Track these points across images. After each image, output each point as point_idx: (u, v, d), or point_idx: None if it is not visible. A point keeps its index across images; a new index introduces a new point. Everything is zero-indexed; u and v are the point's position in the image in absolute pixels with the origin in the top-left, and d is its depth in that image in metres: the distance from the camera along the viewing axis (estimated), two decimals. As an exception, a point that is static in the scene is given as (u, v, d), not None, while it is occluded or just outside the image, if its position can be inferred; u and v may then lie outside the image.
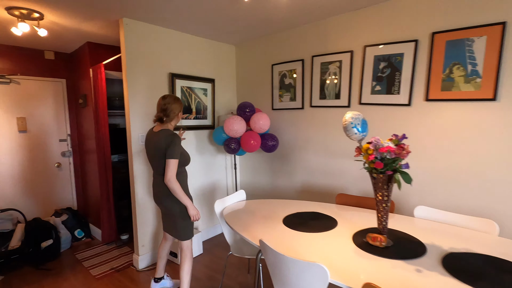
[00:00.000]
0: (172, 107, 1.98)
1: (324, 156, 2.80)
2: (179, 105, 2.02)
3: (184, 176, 2.07)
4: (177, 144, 1.89)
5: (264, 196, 3.40)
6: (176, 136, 1.92)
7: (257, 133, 2.87)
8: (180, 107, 2.04)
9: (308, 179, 2.95)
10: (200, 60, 3.14)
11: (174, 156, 1.87)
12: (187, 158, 2.06)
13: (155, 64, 2.73)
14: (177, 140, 1.90)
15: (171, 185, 1.88)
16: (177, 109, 2.01)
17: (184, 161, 2.03)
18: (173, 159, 1.87)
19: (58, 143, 3.60)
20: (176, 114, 2.02)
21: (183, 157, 2.02)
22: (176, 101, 2.01)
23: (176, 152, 1.89)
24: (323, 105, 2.76)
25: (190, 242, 2.10)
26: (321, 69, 2.73)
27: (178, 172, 1.99)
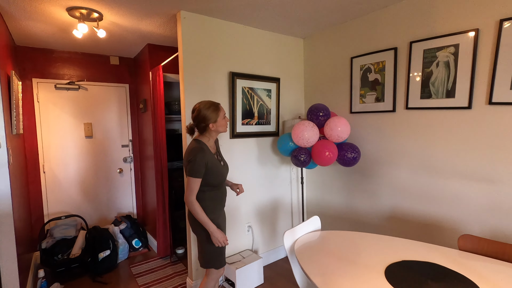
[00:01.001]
0: (201, 116, 1.66)
1: (426, 174, 2.09)
2: (211, 111, 1.66)
3: (213, 198, 1.73)
4: (197, 162, 1.60)
5: (336, 219, 2.79)
6: (200, 151, 1.62)
7: (333, 143, 2.30)
8: (215, 114, 1.67)
9: (399, 203, 2.27)
10: (264, 57, 2.72)
11: (193, 174, 1.60)
12: (217, 177, 1.70)
13: (214, 63, 2.39)
14: (199, 157, 1.60)
15: (189, 206, 1.64)
16: (209, 118, 1.66)
17: (212, 180, 1.69)
18: (191, 177, 1.61)
19: (120, 148, 3.57)
20: (208, 124, 1.67)
21: (212, 175, 1.67)
22: (208, 108, 1.66)
23: (196, 170, 1.60)
24: (426, 107, 2.06)
25: (215, 273, 1.77)
26: (424, 58, 2.04)
27: (204, 191, 1.69)
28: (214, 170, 1.67)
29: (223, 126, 1.71)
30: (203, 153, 1.61)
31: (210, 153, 1.67)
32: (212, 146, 1.74)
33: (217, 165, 1.70)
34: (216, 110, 1.67)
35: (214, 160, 1.68)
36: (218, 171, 1.69)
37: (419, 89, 2.09)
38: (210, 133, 1.70)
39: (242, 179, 2.64)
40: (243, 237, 2.67)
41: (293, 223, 3.09)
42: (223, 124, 1.71)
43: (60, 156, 3.17)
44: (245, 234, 2.69)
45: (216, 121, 1.66)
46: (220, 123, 1.68)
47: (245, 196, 2.67)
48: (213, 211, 1.72)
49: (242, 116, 2.56)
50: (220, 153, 1.85)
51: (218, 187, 1.74)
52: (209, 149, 1.68)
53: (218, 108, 1.68)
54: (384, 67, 2.30)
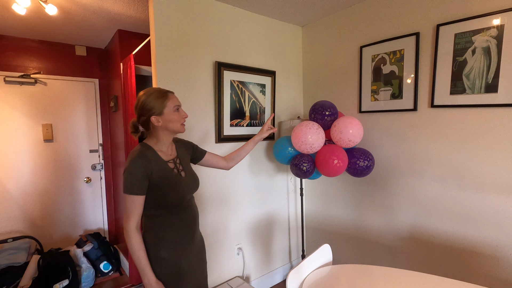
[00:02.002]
0: (141, 105, 1.18)
1: (456, 186, 1.69)
2: (154, 99, 1.17)
3: (170, 226, 1.21)
4: (132, 172, 1.11)
5: (342, 238, 2.37)
6: (138, 158, 1.13)
7: (342, 148, 1.89)
8: (159, 103, 1.17)
9: (421, 222, 1.86)
10: (257, 45, 2.28)
11: (127, 189, 1.12)
12: (172, 193, 1.18)
13: (196, 50, 1.94)
14: (135, 165, 1.11)
15: (125, 235, 1.13)
16: (150, 108, 1.17)
17: (164, 199, 1.17)
18: (126, 194, 1.12)
19: (88, 154, 3.05)
20: (149, 118, 1.17)
21: (162, 192, 1.16)
22: (150, 94, 1.18)
23: (130, 185, 1.11)
24: (457, 104, 1.67)
25: None
26: (456, 44, 1.65)
27: (155, 216, 1.19)
28: (166, 184, 1.17)
29: (175, 123, 1.20)
30: (143, 160, 1.13)
31: (158, 160, 1.18)
32: (166, 151, 1.25)
33: (172, 176, 1.19)
34: (162, 97, 1.18)
35: (165, 170, 1.18)
36: (173, 185, 1.18)
37: (448, 83, 1.70)
38: (157, 133, 1.21)
39: (230, 192, 2.18)
40: (232, 262, 2.22)
41: (290, 242, 2.66)
42: (175, 119, 1.20)
43: (10, 163, 2.64)
44: (235, 258, 2.23)
45: (161, 113, 1.17)
46: (169, 117, 1.18)
47: (234, 212, 2.21)
48: (171, 246, 1.20)
49: (230, 116, 2.12)
50: (184, 160, 1.33)
51: (178, 208, 1.21)
52: (157, 155, 1.19)
53: (165, 96, 1.19)
54: (402, 56, 1.91)
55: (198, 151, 1.47)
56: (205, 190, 2.03)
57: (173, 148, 1.31)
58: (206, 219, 2.05)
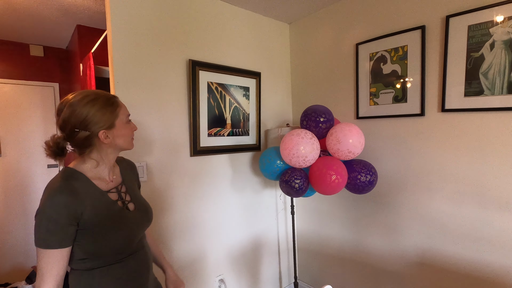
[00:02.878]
0: (78, 118, 0.81)
1: (475, 204, 1.43)
2: (100, 109, 0.84)
3: (104, 281, 0.84)
4: (51, 218, 0.75)
5: (339, 262, 2.07)
6: (58, 193, 0.77)
7: (340, 161, 1.60)
8: (109, 114, 0.85)
9: (432, 245, 1.59)
10: (239, 43, 1.99)
11: (40, 242, 0.75)
12: (114, 237, 0.84)
13: (165, 46, 1.62)
14: (52, 206, 0.75)
15: None
16: (97, 121, 0.83)
17: (102, 247, 0.83)
18: (39, 248, 0.76)
19: (46, 170, 2.64)
20: (96, 134, 0.84)
21: (99, 237, 0.82)
22: (90, 103, 0.83)
23: (45, 234, 0.75)
24: (475, 107, 1.42)
25: None
26: (470, 38, 1.42)
27: (89, 270, 0.83)
28: (105, 225, 0.83)
29: (126, 137, 0.91)
30: (67, 196, 0.77)
31: (92, 193, 0.85)
32: (107, 176, 0.92)
33: (114, 213, 0.87)
34: (111, 105, 0.87)
35: (104, 206, 0.86)
36: (116, 225, 0.86)
37: (462, 83, 1.45)
38: (99, 153, 0.88)
39: (208, 214, 1.85)
40: (212, 297, 1.87)
41: (281, 266, 2.33)
42: (127, 133, 0.91)
43: None
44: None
45: (112, 126, 0.86)
46: (121, 132, 0.88)
47: (213, 238, 1.87)
48: None
49: (208, 124, 1.80)
50: (131, 186, 1.00)
51: (123, 255, 0.88)
52: (91, 185, 0.85)
53: (115, 103, 0.88)
54: (405, 54, 1.66)
55: (138, 180, 1.10)
56: (176, 214, 1.69)
57: (116, 172, 0.97)
58: (178, 249, 1.70)
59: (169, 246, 1.66)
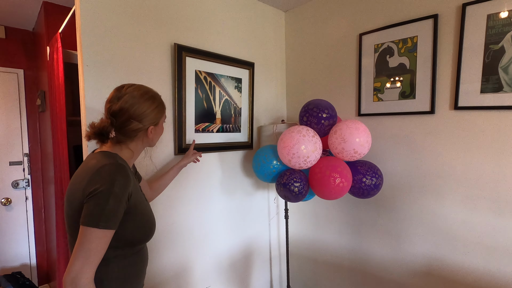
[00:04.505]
0: (134, 109, 0.88)
1: (490, 210, 1.32)
2: (154, 106, 0.93)
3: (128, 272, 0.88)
4: (118, 197, 0.77)
5: (336, 269, 1.93)
6: (122, 172, 0.81)
7: (344, 162, 1.44)
8: (157, 112, 0.95)
9: (441, 254, 1.47)
10: (231, 28, 1.78)
11: (101, 220, 0.74)
12: (147, 226, 0.91)
13: (145, 26, 1.39)
14: (120, 186, 0.78)
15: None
16: (148, 117, 0.91)
17: (136, 234, 0.87)
18: (96, 228, 0.73)
19: (8, 168, 2.33)
20: (146, 128, 0.93)
21: (137, 224, 0.86)
22: (149, 99, 0.92)
23: (108, 214, 0.75)
24: (492, 105, 1.29)
25: None
26: (489, 29, 1.29)
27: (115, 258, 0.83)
28: (142, 212, 0.88)
29: (159, 136, 1.02)
30: (127, 178, 0.81)
31: (134, 180, 0.89)
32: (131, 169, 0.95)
33: (143, 201, 0.93)
34: (163, 106, 0.99)
35: (140, 194, 0.92)
36: (147, 213, 0.93)
37: (478, 78, 1.32)
38: (136, 145, 0.95)
39: (194, 221, 1.64)
40: (198, 312, 1.67)
41: (272, 274, 2.16)
42: (161, 132, 1.03)
43: None
44: (202, 306, 1.69)
45: (157, 124, 0.97)
46: (160, 130, 1.01)
47: (200, 247, 1.67)
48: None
49: (196, 118, 1.59)
50: None
51: (142, 246, 0.94)
52: (132, 173, 0.89)
53: (163, 104, 1.00)
54: (415, 45, 1.52)
55: (137, 174, 1.16)
56: (157, 221, 1.47)
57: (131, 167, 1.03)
58: (160, 260, 1.49)
59: (151, 256, 1.44)
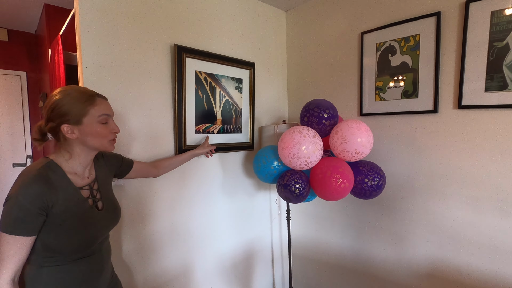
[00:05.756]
0: (54, 106, 0.84)
1: (496, 211, 1.29)
2: (75, 101, 0.85)
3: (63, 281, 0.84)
4: (22, 205, 0.74)
5: (338, 271, 1.91)
6: (35, 180, 0.78)
7: (346, 162, 1.42)
8: (80, 108, 0.85)
9: (447, 256, 1.44)
10: (232, 29, 1.77)
11: (6, 227, 0.75)
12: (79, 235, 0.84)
13: (145, 27, 1.39)
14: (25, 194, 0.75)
15: None
16: (67, 113, 0.84)
17: (65, 243, 0.82)
18: (2, 232, 0.75)
19: (11, 169, 2.34)
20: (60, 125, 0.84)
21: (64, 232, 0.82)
22: (69, 95, 0.85)
23: (14, 220, 0.75)
24: (497, 104, 1.27)
25: None
26: (493, 26, 1.26)
27: (48, 265, 0.83)
28: (73, 221, 0.83)
29: (98, 138, 0.89)
30: (42, 186, 0.78)
31: (66, 187, 0.84)
32: (82, 172, 0.92)
33: (83, 211, 0.87)
34: (84, 101, 0.86)
35: (75, 202, 0.85)
36: (82, 223, 0.86)
37: (483, 76, 1.30)
38: (71, 147, 0.87)
39: (196, 222, 1.63)
40: (199, 314, 1.66)
41: (274, 275, 2.15)
42: (100, 133, 0.89)
43: None
44: (203, 308, 1.68)
45: (78, 123, 0.85)
46: (91, 130, 0.87)
47: (200, 248, 1.66)
48: None
49: (196, 119, 1.58)
50: (104, 185, 1.00)
51: (79, 255, 0.87)
52: (66, 179, 0.85)
53: (90, 100, 0.87)
54: (417, 44, 1.49)
55: (124, 163, 1.16)
56: (159, 222, 1.47)
57: (91, 168, 0.98)
58: (162, 261, 1.48)
59: (152, 258, 1.44)
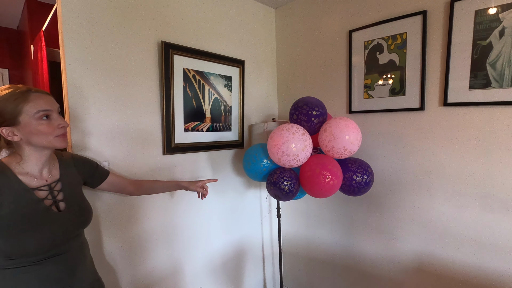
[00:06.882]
0: None
1: (480, 207, 1.32)
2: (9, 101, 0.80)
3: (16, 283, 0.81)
4: None
5: (329, 267, 1.93)
6: None
7: (335, 160, 1.43)
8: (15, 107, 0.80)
9: (433, 251, 1.47)
10: (221, 26, 1.76)
11: None
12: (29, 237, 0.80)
13: (130, 23, 1.36)
14: None
15: None
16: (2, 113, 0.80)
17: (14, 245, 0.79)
18: None
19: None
20: None
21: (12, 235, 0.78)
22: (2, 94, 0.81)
23: None
24: (480, 101, 1.30)
25: None
26: (477, 25, 1.29)
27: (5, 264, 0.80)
28: (22, 223, 0.79)
29: (41, 136, 0.84)
30: None
31: (15, 188, 0.82)
32: (38, 173, 0.89)
33: (35, 212, 0.83)
34: (16, 99, 0.81)
35: (26, 203, 0.82)
36: (34, 225, 0.81)
37: (467, 74, 1.32)
38: (20, 149, 0.86)
39: (185, 221, 1.62)
40: (189, 314, 1.65)
41: (265, 273, 2.15)
42: (42, 130, 0.84)
43: None
44: (194, 307, 1.67)
45: (15, 123, 0.81)
46: (31, 129, 0.82)
47: (190, 248, 1.65)
48: None
49: (185, 117, 1.56)
50: (70, 185, 0.96)
51: (45, 257, 0.84)
52: (15, 179, 0.83)
53: (22, 97, 0.82)
54: (404, 42, 1.51)
55: (98, 172, 1.11)
56: (147, 222, 1.45)
57: (52, 169, 0.94)
58: (150, 261, 1.46)
59: (140, 258, 1.42)
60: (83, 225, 0.97)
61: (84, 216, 0.97)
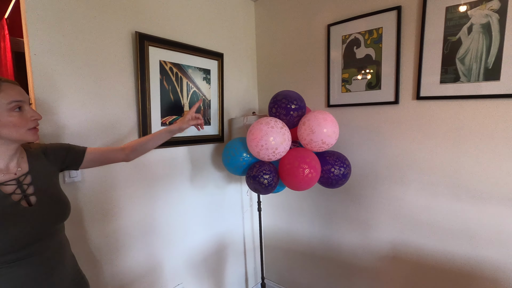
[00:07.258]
0: None
1: (450, 195, 1.39)
2: None
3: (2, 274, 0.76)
4: None
5: (309, 258, 1.96)
6: None
7: (313, 153, 1.45)
8: None
9: (405, 239, 1.54)
10: (198, 17, 1.71)
11: None
12: None
13: (102, 12, 1.30)
14: None
15: None
16: None
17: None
18: None
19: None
20: None
21: None
22: None
23: None
24: (450, 95, 1.35)
25: None
26: (448, 21, 1.33)
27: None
28: None
29: (13, 128, 0.79)
30: None
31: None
32: (5, 167, 0.82)
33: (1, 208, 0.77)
34: None
35: None
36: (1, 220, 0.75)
37: (438, 69, 1.37)
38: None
39: (164, 217, 1.59)
40: (170, 310, 1.63)
41: (247, 266, 2.16)
42: (13, 122, 0.79)
43: None
44: (174, 304, 1.65)
45: None
46: (3, 120, 0.77)
47: (169, 243, 1.62)
48: None
49: (162, 111, 1.52)
50: (41, 178, 0.89)
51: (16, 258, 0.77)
52: None
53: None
54: (380, 37, 1.54)
55: (71, 154, 1.00)
56: (123, 219, 1.41)
57: (20, 162, 0.87)
58: (128, 259, 1.43)
59: (117, 257, 1.38)
60: (59, 219, 0.89)
61: (58, 208, 0.89)
